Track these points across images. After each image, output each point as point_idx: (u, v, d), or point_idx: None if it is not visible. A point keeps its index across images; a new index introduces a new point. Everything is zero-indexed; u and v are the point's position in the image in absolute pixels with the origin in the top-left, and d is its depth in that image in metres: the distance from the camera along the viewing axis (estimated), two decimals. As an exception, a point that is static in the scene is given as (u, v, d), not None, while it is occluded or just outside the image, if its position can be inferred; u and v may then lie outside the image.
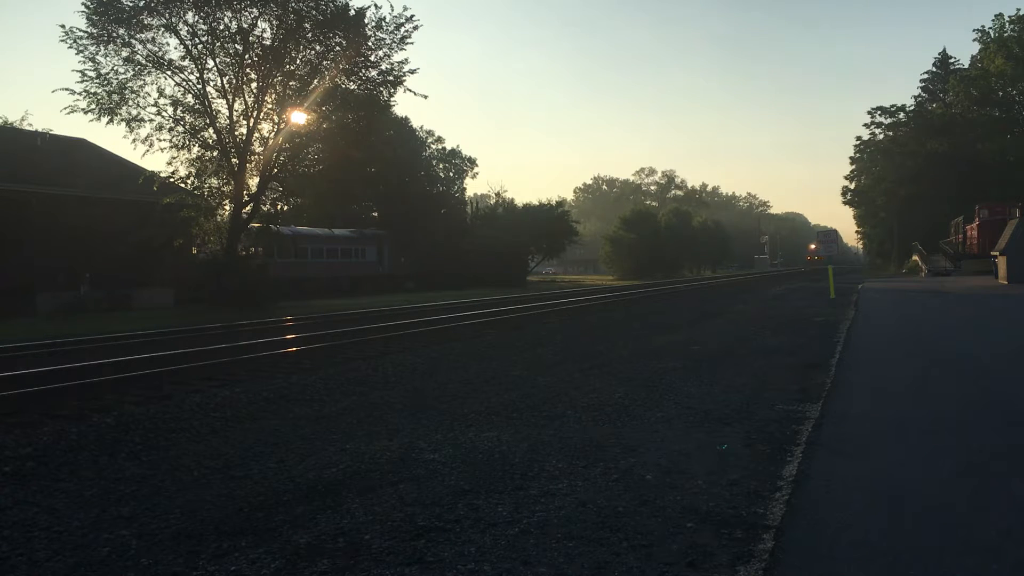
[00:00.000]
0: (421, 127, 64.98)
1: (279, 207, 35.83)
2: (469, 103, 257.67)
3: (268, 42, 29.52)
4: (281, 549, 3.93)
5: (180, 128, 29.42)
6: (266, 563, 3.75)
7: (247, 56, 29.29)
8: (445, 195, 66.41)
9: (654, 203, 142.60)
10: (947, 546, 3.71)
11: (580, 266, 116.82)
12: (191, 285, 31.21)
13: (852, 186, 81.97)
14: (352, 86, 31.47)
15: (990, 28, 63.06)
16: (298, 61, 30.45)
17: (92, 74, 27.67)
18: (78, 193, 29.56)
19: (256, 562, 3.77)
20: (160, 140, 29.24)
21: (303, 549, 3.91)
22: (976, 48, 66.16)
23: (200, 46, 28.97)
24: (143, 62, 28.27)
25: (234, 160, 29.83)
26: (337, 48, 30.46)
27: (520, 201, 74.48)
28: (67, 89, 27.58)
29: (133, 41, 27.89)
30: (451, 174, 69.03)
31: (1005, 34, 61.14)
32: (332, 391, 8.96)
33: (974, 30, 64.87)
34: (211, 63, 29.33)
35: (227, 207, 31.40)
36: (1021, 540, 3.77)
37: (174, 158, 29.87)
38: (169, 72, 28.92)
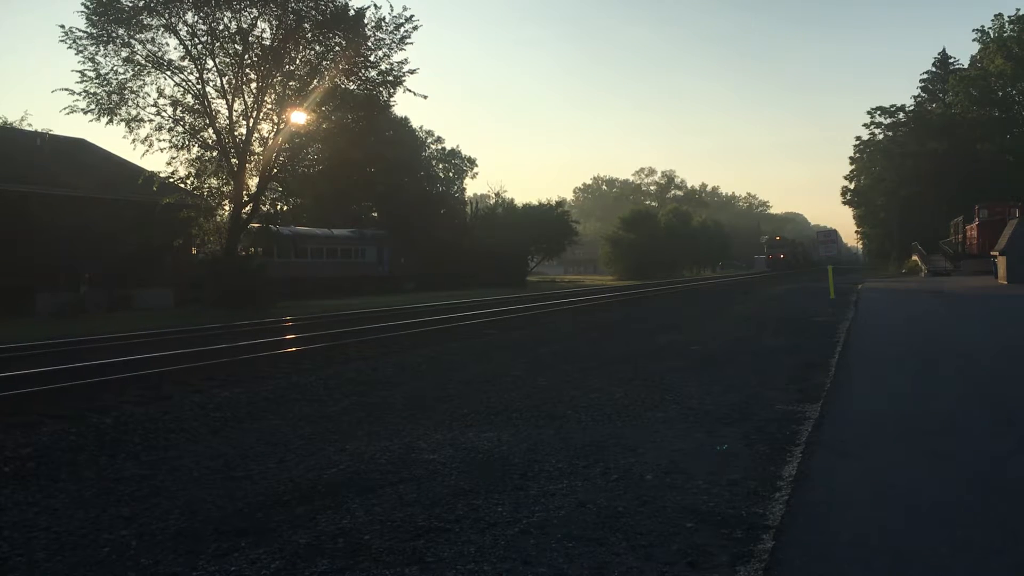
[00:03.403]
0: (421, 127, 65.00)
1: (279, 207, 35.78)
2: (469, 103, 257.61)
3: (268, 42, 29.50)
4: (281, 549, 3.93)
5: (180, 128, 29.39)
6: (266, 563, 3.75)
7: (247, 56, 29.26)
8: (445, 195, 66.38)
9: (654, 203, 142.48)
10: (947, 546, 3.71)
11: (580, 266, 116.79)
12: (191, 285, 31.18)
13: (852, 186, 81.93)
14: (352, 86, 31.43)
15: (990, 28, 63.15)
16: (298, 61, 30.42)
17: (92, 74, 27.64)
18: (78, 193, 29.53)
19: (256, 562, 3.77)
20: (160, 140, 29.20)
21: (303, 549, 3.91)
22: (976, 48, 66.25)
23: (200, 46, 28.95)
24: (143, 62, 28.23)
25: (234, 160, 29.79)
26: (337, 48, 30.42)
27: (520, 201, 74.54)
28: (67, 89, 27.57)
29: (133, 41, 27.86)
30: (451, 174, 69.02)
31: (1005, 34, 61.15)
32: (332, 391, 8.96)
33: (974, 30, 64.95)
34: (211, 63, 29.30)
35: (227, 207, 31.33)
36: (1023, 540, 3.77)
37: (174, 158, 29.86)
38: (169, 72, 28.89)
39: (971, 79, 64.73)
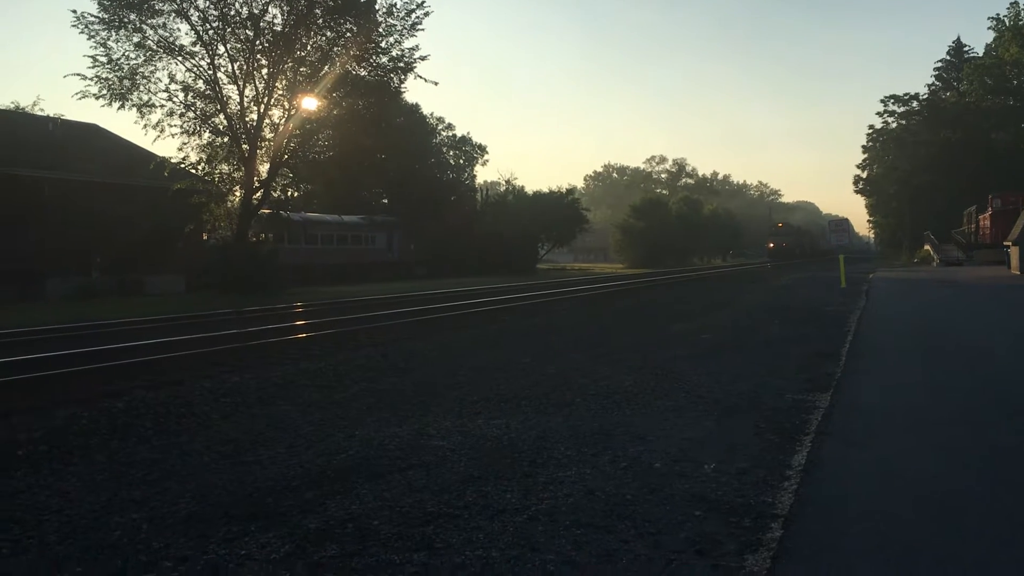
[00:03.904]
0: (431, 114, 64.89)
1: (289, 193, 35.90)
2: (480, 90, 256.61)
3: (279, 28, 29.51)
4: (290, 534, 3.95)
5: (191, 114, 29.50)
6: (276, 547, 3.77)
7: (258, 42, 29.26)
8: (455, 182, 66.34)
9: (665, 191, 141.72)
10: (957, 536, 3.70)
11: (590, 254, 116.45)
12: (202, 271, 31.32)
13: (864, 175, 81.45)
14: (363, 72, 31.43)
15: (1005, 16, 62.43)
16: (309, 47, 30.41)
17: (103, 59, 27.76)
18: (90, 178, 29.65)
19: (266, 546, 3.79)
20: (171, 126, 29.34)
21: (312, 534, 3.93)
22: (991, 36, 65.54)
23: (211, 31, 28.98)
24: (154, 47, 28.32)
25: (244, 146, 29.85)
26: (348, 34, 30.40)
27: (530, 188, 74.40)
28: (79, 74, 27.72)
29: (144, 26, 27.94)
30: (461, 161, 68.92)
31: (1020, 22, 60.47)
32: (342, 378, 8.98)
33: (989, 18, 64.54)
34: (222, 49, 29.35)
35: (238, 193, 31.44)
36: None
37: (185, 144, 30.04)
38: (180, 58, 28.96)
39: (986, 67, 64.15)
